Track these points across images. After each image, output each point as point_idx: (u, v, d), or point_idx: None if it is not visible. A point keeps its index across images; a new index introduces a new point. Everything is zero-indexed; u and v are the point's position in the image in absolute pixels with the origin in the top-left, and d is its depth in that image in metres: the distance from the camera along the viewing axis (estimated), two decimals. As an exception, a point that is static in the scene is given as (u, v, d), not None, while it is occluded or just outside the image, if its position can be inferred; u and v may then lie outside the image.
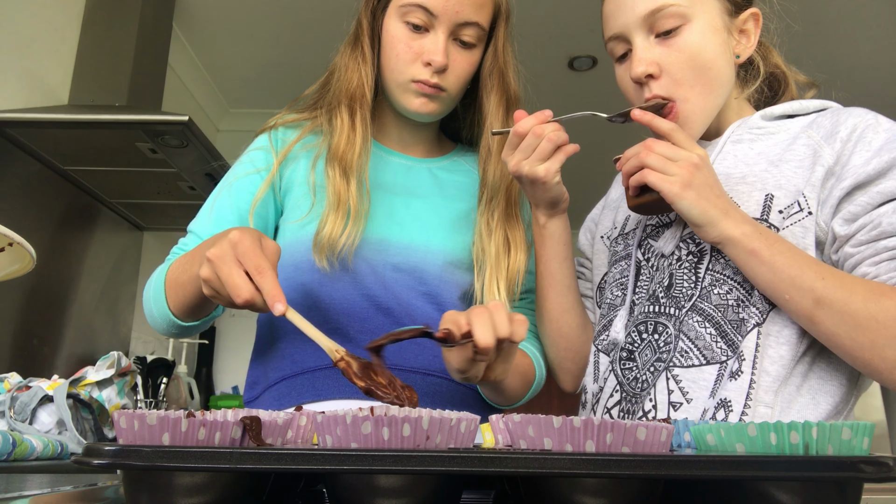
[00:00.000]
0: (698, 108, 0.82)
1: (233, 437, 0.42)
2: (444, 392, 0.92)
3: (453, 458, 0.38)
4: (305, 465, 0.38)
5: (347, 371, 0.68)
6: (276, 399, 0.91)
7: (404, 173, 1.01)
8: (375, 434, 0.40)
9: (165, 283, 0.87)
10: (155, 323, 0.91)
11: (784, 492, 0.40)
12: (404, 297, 0.92)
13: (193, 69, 2.87)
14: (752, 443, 0.45)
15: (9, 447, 0.96)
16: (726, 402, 0.75)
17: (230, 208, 0.95)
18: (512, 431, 0.47)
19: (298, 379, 0.90)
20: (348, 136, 0.93)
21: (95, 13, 2.06)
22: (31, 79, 1.84)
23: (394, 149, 1.03)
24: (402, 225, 0.96)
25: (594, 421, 0.41)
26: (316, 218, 0.90)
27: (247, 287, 0.67)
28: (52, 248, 1.97)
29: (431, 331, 0.71)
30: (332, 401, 0.88)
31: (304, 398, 0.89)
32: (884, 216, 0.72)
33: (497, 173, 0.98)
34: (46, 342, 1.95)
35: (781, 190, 0.79)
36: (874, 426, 0.44)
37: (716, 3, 0.83)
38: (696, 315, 0.80)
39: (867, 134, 0.77)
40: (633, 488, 0.41)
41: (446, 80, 0.93)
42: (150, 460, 0.37)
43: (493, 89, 0.99)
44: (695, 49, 0.81)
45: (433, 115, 0.96)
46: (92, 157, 1.90)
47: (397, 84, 0.94)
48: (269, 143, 0.99)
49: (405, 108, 0.95)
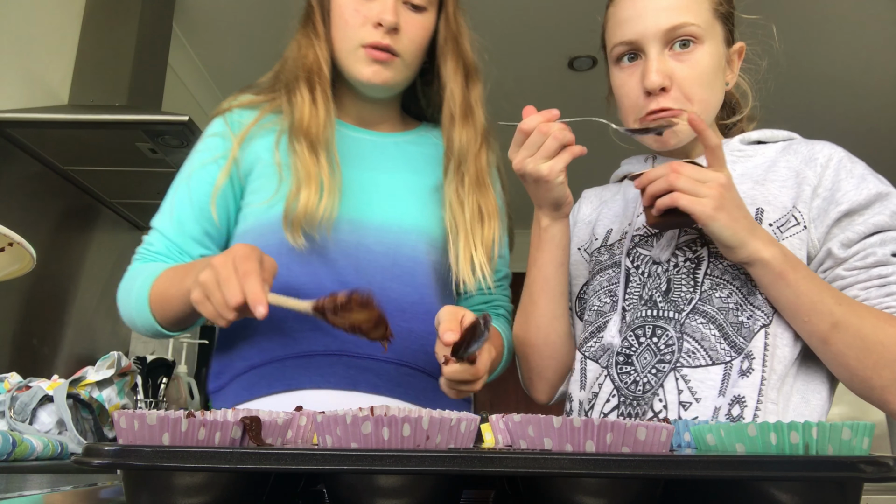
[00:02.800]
0: (703, 111, 0.86)
1: (233, 437, 0.42)
2: (417, 383, 0.90)
3: (453, 458, 0.38)
4: (305, 465, 0.38)
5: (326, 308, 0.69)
6: (245, 388, 0.88)
7: (371, 148, 0.98)
8: (375, 434, 0.40)
9: (150, 296, 0.86)
10: (134, 327, 0.91)
11: (784, 492, 0.40)
12: (378, 279, 0.89)
13: (193, 69, 2.87)
14: (752, 443, 0.45)
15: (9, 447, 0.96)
16: (741, 398, 0.78)
17: (190, 202, 0.92)
18: (512, 431, 0.47)
19: (268, 368, 0.88)
20: (311, 110, 0.90)
21: (95, 13, 2.06)
22: (31, 79, 1.84)
23: (353, 124, 1.00)
24: (375, 203, 0.93)
25: (594, 421, 0.41)
26: (283, 199, 0.87)
27: (232, 296, 0.70)
28: (52, 248, 1.97)
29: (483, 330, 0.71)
30: (303, 391, 0.86)
31: (273, 388, 0.86)
32: (876, 246, 0.78)
33: (463, 139, 0.95)
34: (46, 342, 1.95)
35: (770, 205, 0.85)
36: (874, 426, 0.44)
37: (721, 31, 0.89)
38: (699, 317, 0.82)
39: (845, 163, 0.85)
40: (633, 488, 0.41)
41: (399, 43, 0.90)
42: (150, 460, 0.37)
43: (449, 55, 0.96)
44: (705, 68, 0.85)
45: (388, 84, 0.93)
46: (92, 157, 1.90)
47: (348, 52, 0.91)
48: (226, 128, 0.95)
49: (358, 78, 0.92)
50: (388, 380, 0.88)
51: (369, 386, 0.87)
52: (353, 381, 0.86)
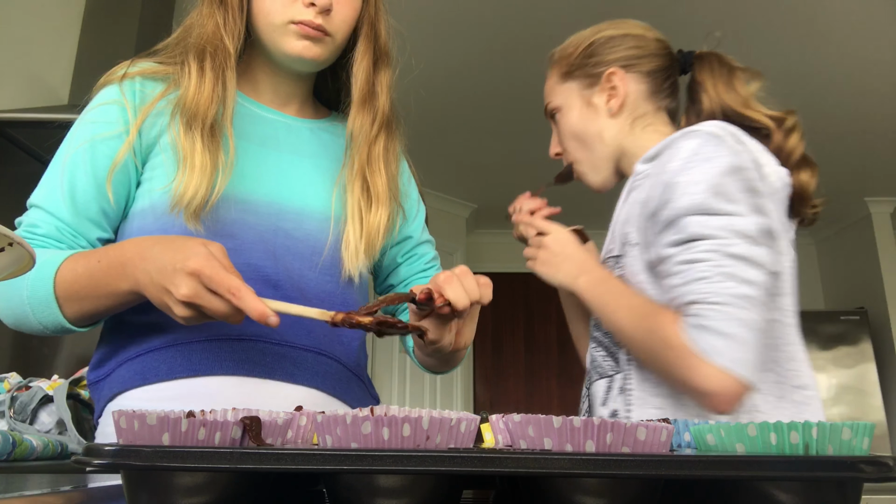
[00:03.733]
0: (586, 166, 1.07)
1: (233, 437, 0.42)
2: (334, 373, 0.87)
3: (453, 458, 0.38)
4: (305, 465, 0.38)
5: (350, 318, 0.64)
6: (138, 373, 0.81)
7: (286, 131, 0.94)
8: (375, 434, 0.40)
9: (57, 291, 0.76)
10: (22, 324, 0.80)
11: (784, 492, 0.40)
12: (296, 268, 0.85)
13: (193, 69, 2.87)
14: (752, 443, 0.45)
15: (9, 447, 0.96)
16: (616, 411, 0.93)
17: (87, 179, 0.82)
18: (512, 431, 0.47)
19: (169, 351, 0.80)
20: (197, 86, 0.83)
21: (95, 13, 2.06)
22: (31, 79, 1.84)
23: (267, 105, 0.95)
24: (294, 187, 0.89)
25: (594, 421, 0.41)
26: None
27: (237, 314, 0.65)
28: (52, 248, 1.97)
29: (415, 295, 0.71)
30: (211, 377, 0.80)
31: (175, 373, 0.80)
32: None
33: (356, 124, 0.92)
34: (46, 342, 1.95)
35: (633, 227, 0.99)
36: (874, 426, 0.44)
37: (574, 88, 1.07)
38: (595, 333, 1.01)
39: (678, 176, 0.93)
40: (633, 488, 0.41)
41: (332, 24, 0.86)
42: (150, 460, 0.37)
43: (362, 37, 0.93)
44: (567, 127, 1.07)
45: (317, 60, 0.88)
46: (92, 157, 1.90)
47: (274, 27, 0.86)
48: (125, 97, 0.85)
49: (285, 52, 0.87)
50: (306, 369, 0.84)
51: (285, 374, 0.83)
52: (269, 369, 0.82)
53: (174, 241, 0.69)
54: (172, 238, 0.72)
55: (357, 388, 0.92)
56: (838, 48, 2.81)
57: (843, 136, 3.56)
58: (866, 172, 4.08)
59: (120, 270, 0.72)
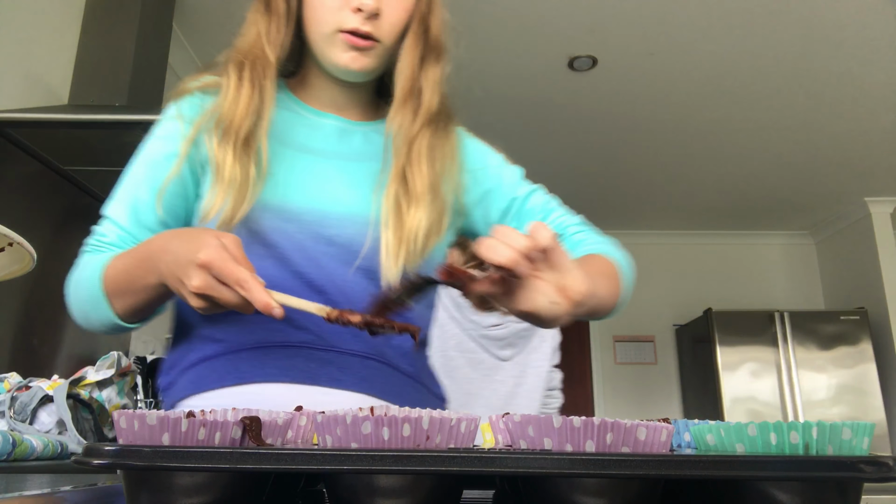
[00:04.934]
0: None
1: (233, 437, 0.42)
2: (383, 377, 0.85)
3: (453, 458, 0.38)
4: (305, 465, 0.38)
5: (342, 317, 0.64)
6: (193, 382, 0.84)
7: (337, 137, 0.92)
8: (375, 434, 0.40)
9: (105, 288, 0.79)
10: (88, 323, 0.84)
11: (784, 492, 0.40)
12: (339, 274, 0.84)
13: (193, 69, 2.87)
14: (752, 443, 0.45)
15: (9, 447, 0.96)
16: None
17: (146, 191, 0.85)
18: (512, 431, 0.47)
19: (220, 360, 0.83)
20: (233, 98, 0.83)
21: (95, 13, 2.06)
22: (31, 79, 1.84)
23: (324, 110, 0.93)
24: (335, 193, 0.87)
25: (594, 421, 0.41)
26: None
27: (247, 305, 0.65)
28: (52, 248, 1.97)
29: (428, 276, 0.64)
30: (256, 384, 0.81)
31: (224, 381, 0.81)
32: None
33: (396, 123, 0.88)
34: (46, 342, 1.95)
35: None
36: (874, 426, 0.44)
37: None
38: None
39: None
40: (633, 488, 0.41)
41: (380, 29, 0.84)
42: (150, 460, 0.37)
43: (410, 33, 0.88)
44: None
45: (365, 71, 0.86)
46: (92, 157, 1.90)
47: (323, 36, 0.85)
48: (180, 112, 0.87)
49: (333, 63, 0.86)
50: (353, 374, 0.83)
51: (330, 380, 0.82)
52: (313, 375, 0.82)
53: (190, 233, 0.71)
54: (190, 230, 0.73)
55: (412, 390, 0.89)
56: (838, 48, 2.81)
57: (843, 136, 3.56)
58: (866, 172, 4.08)
59: (148, 265, 0.74)
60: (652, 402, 4.94)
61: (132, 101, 1.99)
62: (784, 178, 4.19)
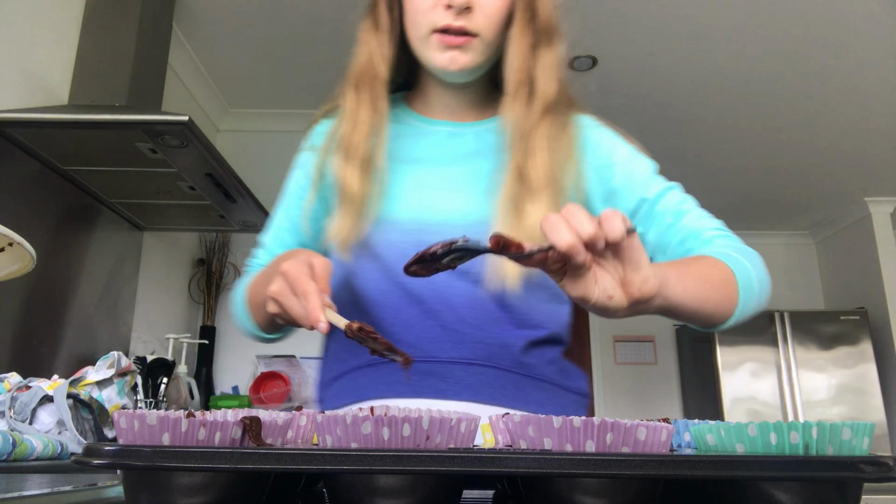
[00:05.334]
0: None
1: (233, 437, 0.42)
2: (491, 382, 0.81)
3: (453, 458, 0.38)
4: (305, 465, 0.38)
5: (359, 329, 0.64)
6: (329, 401, 0.89)
7: (446, 142, 0.90)
8: (375, 434, 0.40)
9: (246, 302, 0.88)
10: (245, 334, 0.93)
11: (784, 492, 0.40)
12: (442, 280, 0.81)
13: (193, 69, 2.87)
14: (752, 443, 0.45)
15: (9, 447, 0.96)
16: None
17: (286, 218, 0.94)
18: (512, 431, 0.47)
19: (344, 379, 0.87)
20: (352, 119, 0.85)
21: (95, 13, 2.06)
22: (31, 79, 1.84)
23: (437, 118, 0.93)
24: (436, 200, 0.86)
25: (594, 421, 0.41)
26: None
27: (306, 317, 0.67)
28: (52, 248, 1.97)
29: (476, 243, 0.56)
30: (371, 401, 0.83)
31: (347, 399, 0.85)
32: None
33: (510, 117, 0.85)
34: (46, 342, 1.95)
35: None
36: (874, 426, 0.44)
37: None
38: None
39: None
40: (633, 488, 0.41)
41: (475, 22, 0.81)
42: (150, 460, 0.37)
43: (516, 21, 0.84)
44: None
45: (467, 70, 0.84)
46: (92, 157, 1.90)
47: (420, 40, 0.84)
48: (311, 141, 0.94)
49: (433, 66, 0.84)
50: (455, 383, 0.81)
51: (434, 391, 0.81)
52: (417, 388, 0.82)
53: (297, 252, 0.77)
54: (300, 251, 0.81)
55: (534, 389, 0.84)
56: (838, 48, 2.80)
57: (843, 136, 3.56)
58: (866, 172, 4.08)
59: (266, 279, 0.80)
60: (652, 402, 4.94)
61: (132, 101, 1.99)
62: (784, 178, 4.19)
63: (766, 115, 3.36)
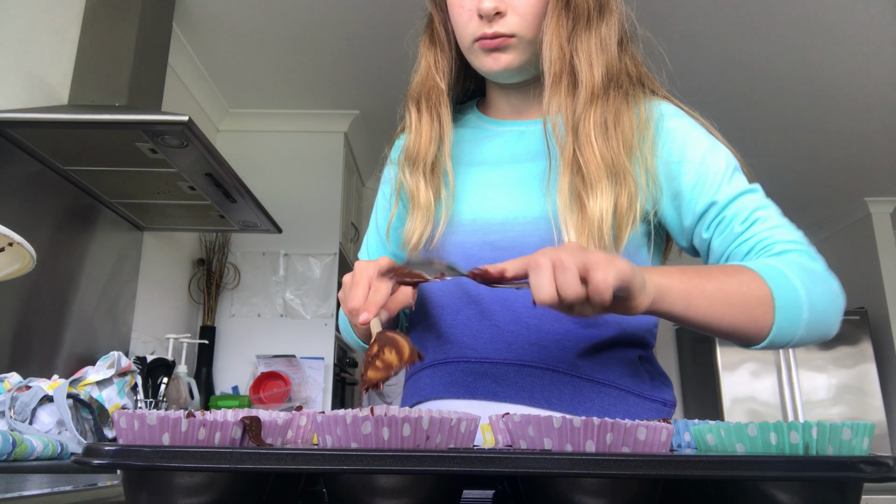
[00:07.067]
0: None
1: (233, 437, 0.42)
2: (544, 384, 0.80)
3: (453, 458, 0.38)
4: (305, 465, 0.38)
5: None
6: (406, 399, 0.93)
7: (514, 142, 0.91)
8: (375, 434, 0.40)
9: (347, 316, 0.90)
10: (356, 349, 0.97)
11: (784, 492, 0.40)
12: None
13: (193, 69, 2.87)
14: (752, 443, 0.45)
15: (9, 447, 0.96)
16: None
17: (375, 232, 0.99)
18: (512, 431, 0.47)
19: (412, 379, 0.91)
20: (416, 131, 0.90)
21: (95, 13, 2.06)
22: (31, 79, 1.84)
23: (509, 119, 0.94)
24: (496, 199, 0.87)
25: (594, 421, 0.41)
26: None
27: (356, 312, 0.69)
28: (52, 248, 1.97)
29: (454, 267, 0.65)
30: (431, 402, 0.85)
31: (412, 399, 0.89)
32: None
33: (552, 109, 0.83)
34: (46, 342, 1.95)
35: None
36: (874, 426, 0.44)
37: None
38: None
39: None
40: (633, 488, 0.41)
41: (508, 25, 0.82)
42: (150, 460, 0.37)
43: (550, 9, 0.83)
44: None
45: (512, 68, 0.85)
46: (92, 157, 1.90)
47: (467, 49, 0.87)
48: (389, 157, 1.00)
49: (482, 70, 0.88)
50: (508, 385, 0.80)
51: (488, 393, 0.81)
52: (472, 390, 0.82)
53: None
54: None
55: (595, 394, 0.81)
56: (838, 48, 2.80)
57: (843, 136, 3.56)
58: (866, 172, 4.07)
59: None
60: (652, 402, 4.94)
61: (132, 101, 1.99)
62: (784, 177, 4.19)
63: (766, 115, 3.36)
